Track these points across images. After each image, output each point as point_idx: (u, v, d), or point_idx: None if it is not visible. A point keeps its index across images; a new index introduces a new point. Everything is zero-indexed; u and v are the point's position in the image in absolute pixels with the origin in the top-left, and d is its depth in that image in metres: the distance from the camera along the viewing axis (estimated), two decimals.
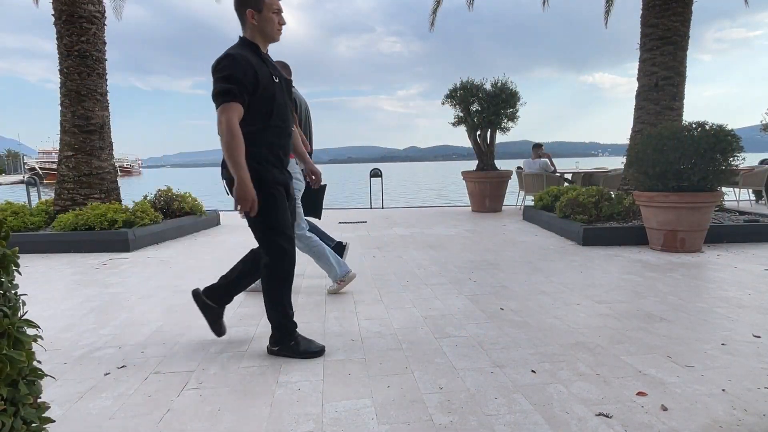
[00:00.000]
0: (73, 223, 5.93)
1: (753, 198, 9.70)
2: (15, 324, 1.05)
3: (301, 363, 2.42)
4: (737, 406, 1.90)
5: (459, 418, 1.86)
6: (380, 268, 4.53)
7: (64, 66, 6.65)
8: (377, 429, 1.80)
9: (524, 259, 4.82)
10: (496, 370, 2.29)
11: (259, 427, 1.83)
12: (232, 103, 2.18)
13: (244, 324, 3.04)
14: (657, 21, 6.62)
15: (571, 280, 3.97)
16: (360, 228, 7.33)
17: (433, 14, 11.52)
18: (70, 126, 6.68)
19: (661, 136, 4.96)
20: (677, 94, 6.69)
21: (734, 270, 4.16)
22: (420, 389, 2.11)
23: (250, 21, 2.32)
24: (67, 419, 1.93)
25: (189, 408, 1.99)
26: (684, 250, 4.95)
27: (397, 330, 2.87)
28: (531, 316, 3.08)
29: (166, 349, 2.65)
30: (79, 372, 2.38)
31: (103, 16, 6.90)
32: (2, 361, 1.00)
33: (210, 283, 2.81)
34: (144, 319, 3.17)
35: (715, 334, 2.67)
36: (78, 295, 3.83)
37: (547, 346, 2.57)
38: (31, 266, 4.95)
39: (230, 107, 2.18)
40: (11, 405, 1.03)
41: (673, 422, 1.80)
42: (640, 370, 2.25)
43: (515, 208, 9.58)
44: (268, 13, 2.33)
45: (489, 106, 8.89)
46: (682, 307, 3.17)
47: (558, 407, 1.93)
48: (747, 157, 6.30)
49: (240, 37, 2.38)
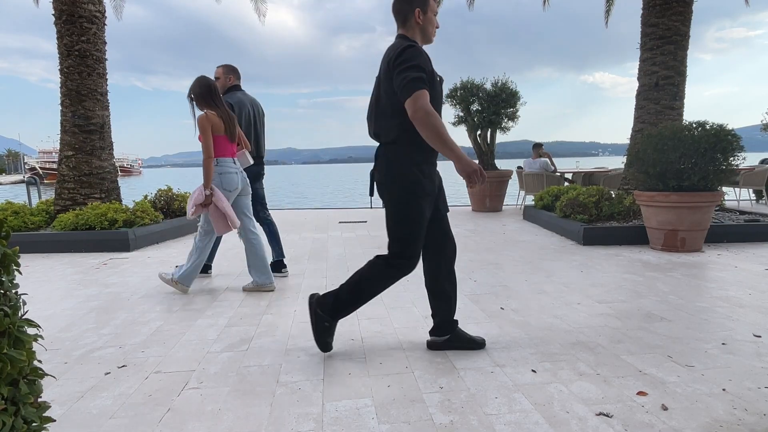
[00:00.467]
0: (74, 222, 5.94)
1: (753, 198, 9.69)
2: (15, 323, 1.05)
3: (300, 363, 2.42)
4: (738, 406, 1.90)
5: (459, 417, 1.86)
6: None
7: (64, 66, 6.65)
8: (378, 428, 1.80)
9: (524, 258, 4.82)
10: (496, 369, 2.29)
11: (259, 426, 1.83)
12: (423, 90, 2.14)
13: (244, 324, 3.04)
14: (657, 20, 6.62)
15: (572, 279, 3.97)
16: (360, 228, 7.33)
17: None
18: (70, 126, 6.68)
19: (661, 136, 4.96)
20: (678, 94, 6.68)
21: (735, 269, 4.16)
22: (420, 388, 2.11)
23: (415, 20, 2.32)
24: (68, 419, 1.93)
25: (189, 407, 1.99)
26: (684, 250, 4.95)
27: (397, 329, 2.87)
28: (531, 315, 3.08)
29: (166, 348, 2.65)
30: (80, 371, 2.38)
31: (103, 15, 6.90)
32: (3, 361, 1.00)
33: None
34: (144, 319, 3.18)
35: (715, 334, 2.67)
36: (78, 294, 3.83)
37: (547, 346, 2.57)
38: (31, 266, 4.95)
39: (424, 94, 2.13)
40: (12, 404, 1.03)
41: (673, 422, 1.80)
42: (641, 369, 2.25)
43: (515, 207, 9.58)
44: (431, 14, 2.35)
45: (489, 105, 8.89)
46: (683, 307, 3.17)
47: (558, 407, 1.93)
48: (747, 156, 6.29)
49: (400, 35, 2.36)
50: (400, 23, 2.38)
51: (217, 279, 4.24)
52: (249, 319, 3.13)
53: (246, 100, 4.20)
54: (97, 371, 2.38)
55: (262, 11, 10.95)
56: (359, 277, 2.42)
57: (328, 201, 24.11)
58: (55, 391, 2.17)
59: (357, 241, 6.12)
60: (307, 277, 4.22)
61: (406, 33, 2.36)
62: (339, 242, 6.03)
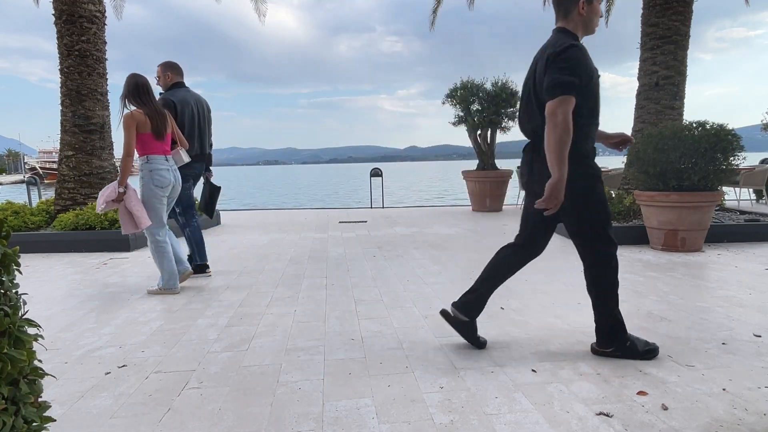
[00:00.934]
0: (74, 222, 5.94)
1: (754, 197, 9.69)
2: (16, 323, 1.05)
3: (300, 363, 2.42)
4: (738, 406, 1.90)
5: (459, 417, 1.86)
6: (381, 268, 4.53)
7: (64, 66, 6.65)
8: (378, 428, 1.80)
9: None
10: (496, 369, 2.29)
11: (259, 426, 1.83)
12: (571, 96, 2.09)
13: (244, 324, 3.04)
14: (658, 20, 6.62)
15: (572, 279, 3.96)
16: (360, 227, 7.33)
17: (433, 14, 11.52)
18: (70, 126, 6.68)
19: (661, 136, 4.96)
20: (678, 94, 6.68)
21: (735, 269, 4.16)
22: (420, 388, 2.11)
23: (579, 11, 2.23)
24: (68, 418, 1.93)
25: (190, 407, 1.99)
26: (684, 250, 4.95)
27: (397, 329, 2.87)
28: (531, 315, 3.08)
29: (166, 348, 2.65)
30: (80, 371, 2.38)
31: (103, 15, 6.91)
32: (3, 360, 1.00)
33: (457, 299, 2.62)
34: (144, 319, 3.18)
35: (715, 334, 2.67)
36: (79, 294, 3.83)
37: (547, 346, 2.57)
38: (31, 266, 4.95)
39: (569, 100, 2.09)
40: (12, 404, 1.04)
41: (673, 422, 1.80)
42: (641, 369, 2.25)
43: (516, 207, 9.58)
44: (597, 4, 2.25)
45: (489, 105, 8.89)
46: (683, 307, 3.17)
47: (558, 406, 1.93)
48: (747, 156, 6.28)
49: (558, 27, 2.28)
50: (560, 15, 2.28)
51: (217, 279, 4.24)
52: (249, 319, 3.13)
53: (190, 97, 4.22)
54: (97, 371, 2.38)
55: (262, 11, 10.95)
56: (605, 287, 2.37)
57: (329, 201, 24.11)
58: (56, 390, 2.17)
59: (357, 241, 6.12)
60: (308, 277, 4.22)
61: (566, 26, 2.26)
62: (339, 242, 6.03)
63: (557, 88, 2.09)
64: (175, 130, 3.90)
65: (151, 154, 3.65)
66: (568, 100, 2.09)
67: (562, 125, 2.07)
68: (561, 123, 2.07)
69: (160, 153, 3.69)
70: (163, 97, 4.12)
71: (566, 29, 2.26)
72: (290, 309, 3.32)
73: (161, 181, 3.67)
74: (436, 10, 11.44)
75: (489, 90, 8.99)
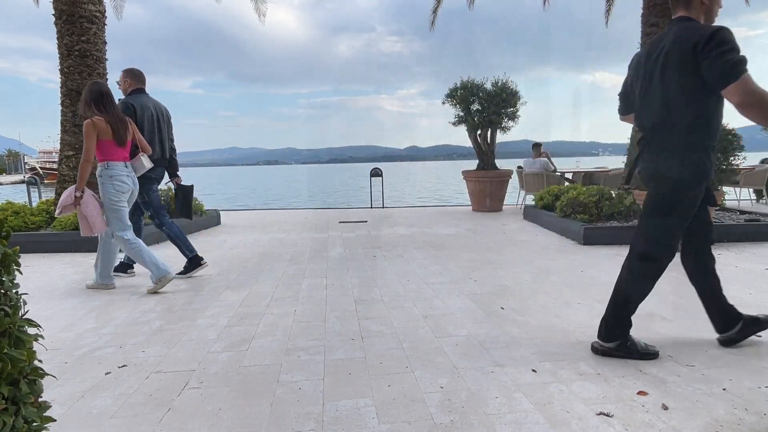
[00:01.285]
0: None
1: (754, 197, 9.69)
2: (16, 323, 1.05)
3: (300, 363, 2.42)
4: (738, 406, 1.90)
5: (460, 417, 1.86)
6: (381, 268, 4.53)
7: (64, 66, 6.65)
8: (378, 428, 1.80)
9: (525, 258, 4.82)
10: (496, 369, 2.29)
11: (259, 426, 1.83)
12: (747, 73, 2.02)
13: (244, 324, 3.04)
14: (658, 20, 6.62)
15: (572, 279, 3.96)
16: (361, 227, 7.33)
17: (433, 14, 11.52)
18: (70, 126, 6.68)
19: None
20: None
21: (735, 269, 4.16)
22: (420, 388, 2.11)
23: (703, 0, 2.20)
24: (68, 418, 1.93)
25: (190, 407, 1.99)
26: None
27: (397, 329, 2.87)
28: (532, 315, 3.08)
29: (166, 348, 2.65)
30: (80, 371, 2.38)
31: (103, 15, 6.90)
32: (3, 360, 1.00)
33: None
34: (144, 319, 3.18)
35: (715, 334, 2.67)
36: (79, 294, 3.83)
37: (547, 346, 2.57)
38: (32, 266, 4.95)
39: (750, 77, 2.02)
40: (12, 404, 1.03)
41: (673, 421, 1.80)
42: (641, 369, 2.25)
43: (516, 207, 9.58)
44: None
45: (489, 105, 8.89)
46: (683, 306, 3.16)
47: (558, 406, 1.93)
48: (748, 156, 6.29)
49: (681, 17, 2.23)
50: (681, 5, 2.24)
51: (217, 279, 4.24)
52: (249, 319, 3.13)
53: (149, 103, 4.33)
54: (97, 371, 2.38)
55: (262, 11, 10.95)
56: (623, 287, 2.48)
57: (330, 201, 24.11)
58: (56, 390, 2.17)
59: (357, 241, 6.12)
60: (308, 277, 4.22)
61: (689, 15, 2.22)
62: (339, 242, 6.03)
63: (737, 66, 2.03)
64: (137, 136, 4.00)
65: (111, 161, 3.76)
66: (748, 78, 2.03)
67: (763, 100, 1.98)
68: (761, 99, 1.99)
69: (120, 159, 3.80)
70: (122, 101, 4.21)
71: (690, 18, 2.23)
72: (290, 309, 3.32)
73: (121, 186, 3.80)
74: (436, 10, 11.44)
75: (489, 90, 8.99)
